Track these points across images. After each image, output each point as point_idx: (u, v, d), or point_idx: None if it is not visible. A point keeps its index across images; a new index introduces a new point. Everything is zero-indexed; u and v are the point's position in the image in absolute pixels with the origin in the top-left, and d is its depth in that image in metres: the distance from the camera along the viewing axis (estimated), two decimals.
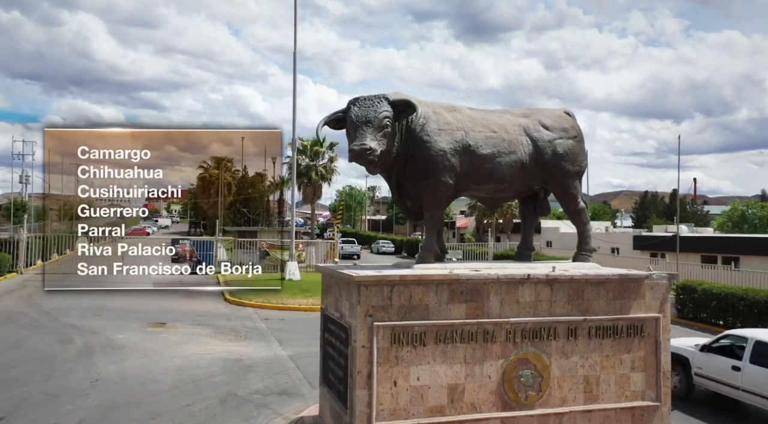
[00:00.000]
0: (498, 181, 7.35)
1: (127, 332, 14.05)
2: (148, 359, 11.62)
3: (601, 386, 7.14)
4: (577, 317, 7.03)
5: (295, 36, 25.17)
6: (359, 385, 6.31)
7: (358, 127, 6.55)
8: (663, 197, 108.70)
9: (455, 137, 7.06)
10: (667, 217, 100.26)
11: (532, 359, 6.86)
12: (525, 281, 6.86)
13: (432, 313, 6.55)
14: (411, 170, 7.06)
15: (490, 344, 6.73)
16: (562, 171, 7.57)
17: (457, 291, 6.63)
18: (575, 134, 7.76)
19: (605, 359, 7.16)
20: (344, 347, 6.71)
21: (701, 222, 62.47)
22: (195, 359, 11.62)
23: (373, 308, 6.36)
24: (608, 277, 7.22)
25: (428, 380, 6.51)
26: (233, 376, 10.57)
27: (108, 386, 9.82)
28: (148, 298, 19.40)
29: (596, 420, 7.08)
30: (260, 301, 19.08)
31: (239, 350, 12.55)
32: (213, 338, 13.83)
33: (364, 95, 6.82)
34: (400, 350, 6.44)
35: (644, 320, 7.30)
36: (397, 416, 6.39)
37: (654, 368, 7.32)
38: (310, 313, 17.80)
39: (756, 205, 46.47)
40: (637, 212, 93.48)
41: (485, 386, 6.71)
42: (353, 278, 6.30)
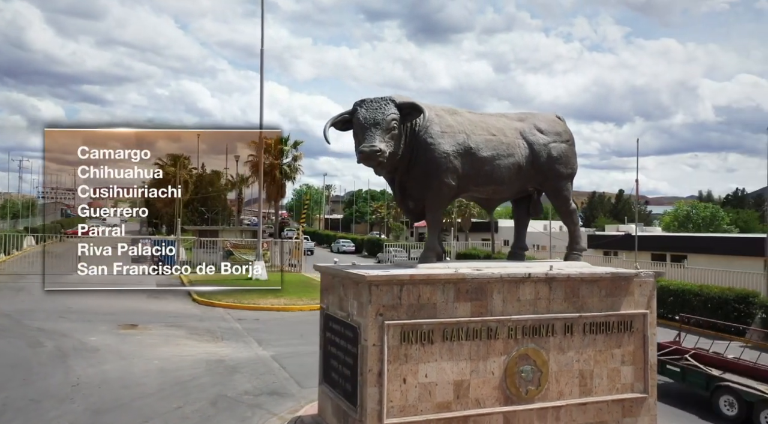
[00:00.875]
0: (497, 183, 7.58)
1: (99, 335, 13.68)
2: (126, 361, 11.37)
3: (594, 379, 7.46)
4: (573, 314, 7.33)
5: (263, 34, 24.96)
6: (370, 383, 6.41)
7: (366, 129, 6.64)
8: (609, 198, 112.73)
9: (457, 140, 7.23)
10: (613, 216, 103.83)
11: (532, 355, 7.12)
12: (526, 279, 7.11)
13: (439, 311, 6.71)
14: (415, 172, 7.19)
15: (493, 340, 6.95)
16: (557, 173, 7.86)
17: (462, 290, 6.82)
18: (567, 138, 8.07)
19: (598, 353, 7.49)
20: (352, 345, 6.80)
21: (644, 222, 65.18)
22: (176, 361, 11.44)
23: (384, 307, 6.47)
24: (602, 275, 7.55)
25: (435, 376, 6.68)
26: (219, 377, 10.48)
27: (91, 389, 9.58)
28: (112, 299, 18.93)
29: (590, 413, 7.40)
30: (231, 301, 18.86)
31: (219, 351, 12.41)
32: (190, 339, 13.62)
33: (370, 97, 6.91)
34: (409, 347, 6.58)
35: (633, 316, 7.67)
36: (407, 412, 6.53)
37: (642, 361, 7.70)
38: (284, 313, 17.77)
39: (699, 206, 48.77)
40: (585, 211, 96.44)
41: (489, 381, 6.92)
42: (365, 277, 6.40)
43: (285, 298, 19.29)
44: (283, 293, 19.55)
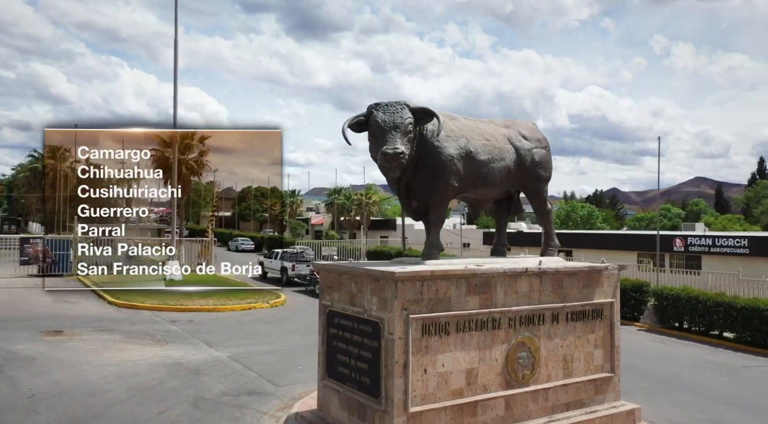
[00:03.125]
0: (490, 185, 8.18)
1: (24, 343, 12.60)
2: (74, 369, 10.66)
3: (574, 362, 8.31)
4: (558, 304, 8.12)
5: (176, 17, 23.84)
6: (396, 374, 6.72)
7: (386, 132, 6.93)
8: None
9: (459, 144, 7.73)
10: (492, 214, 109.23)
11: (527, 343, 7.80)
12: (523, 273, 7.77)
13: (453, 304, 7.18)
14: (422, 173, 7.57)
15: (497, 330, 7.54)
16: (538, 177, 8.63)
17: (472, 284, 7.33)
18: (546, 144, 8.86)
19: (577, 339, 8.35)
20: (370, 340, 7.06)
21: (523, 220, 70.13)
22: (130, 366, 10.91)
23: (408, 302, 6.82)
24: (581, 269, 8.42)
25: (451, 366, 7.14)
26: (186, 380, 10.18)
27: (52, 400, 8.94)
28: (12, 303, 17.41)
29: (571, 392, 8.23)
30: (156, 303, 18.01)
31: (171, 354, 11.97)
32: (130, 343, 12.95)
33: (384, 101, 7.21)
34: (429, 339, 6.98)
35: (603, 304, 8.62)
36: (427, 400, 6.93)
37: (609, 344, 8.67)
38: (217, 314, 17.32)
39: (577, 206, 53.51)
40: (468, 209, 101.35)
41: (493, 368, 7.50)
42: (394, 274, 6.69)
43: (213, 299, 18.76)
44: (209, 294, 19.03)
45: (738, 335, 15.98)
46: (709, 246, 28.67)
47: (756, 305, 15.56)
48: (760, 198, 74.05)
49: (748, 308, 15.68)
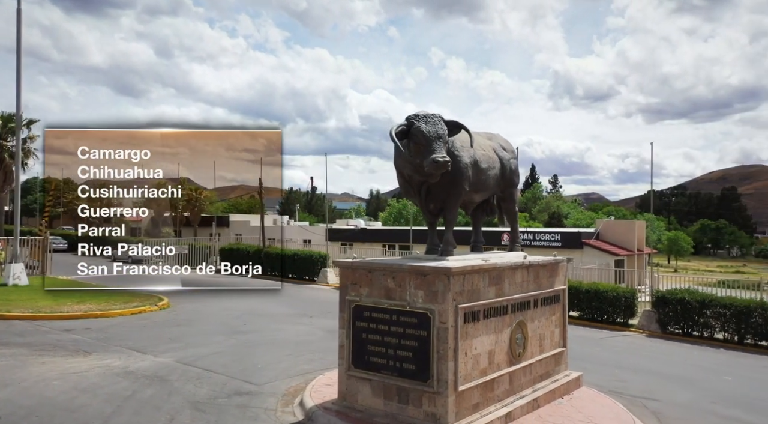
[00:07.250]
0: (485, 190, 9.38)
1: None
2: (14, 387, 9.42)
3: (545, 341, 9.90)
4: (537, 292, 9.63)
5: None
6: (449, 358, 7.57)
7: (432, 141, 7.73)
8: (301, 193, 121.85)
9: (470, 153, 8.79)
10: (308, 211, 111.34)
11: (521, 325, 9.16)
12: (519, 266, 9.10)
13: (481, 295, 8.23)
14: (444, 179, 8.46)
15: (505, 316, 8.77)
16: (513, 183, 10.05)
17: (491, 277, 8.46)
18: (516, 155, 10.32)
19: (546, 321, 9.95)
20: (417, 330, 7.79)
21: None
22: (78, 379, 9.94)
23: (456, 294, 7.70)
24: (550, 262, 10.03)
25: (480, 348, 8.19)
26: (159, 388, 9.67)
27: (18, 420, 7.97)
28: None
29: (543, 365, 9.80)
30: (23, 312, 15.87)
31: (110, 364, 11.07)
32: (48, 356, 11.57)
33: (423, 112, 8.00)
34: (468, 326, 7.95)
35: (560, 291, 10.37)
36: (466, 379, 7.89)
37: (562, 323, 10.44)
38: (109, 320, 15.95)
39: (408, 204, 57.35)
40: (282, 205, 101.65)
41: (503, 348, 8.72)
42: (449, 270, 7.52)
43: (92, 303, 17.09)
44: (90, 298, 17.34)
45: (583, 312, 19.43)
46: (530, 240, 33.36)
47: (596, 288, 19.17)
48: (536, 199, 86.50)
49: (590, 291, 19.19)
